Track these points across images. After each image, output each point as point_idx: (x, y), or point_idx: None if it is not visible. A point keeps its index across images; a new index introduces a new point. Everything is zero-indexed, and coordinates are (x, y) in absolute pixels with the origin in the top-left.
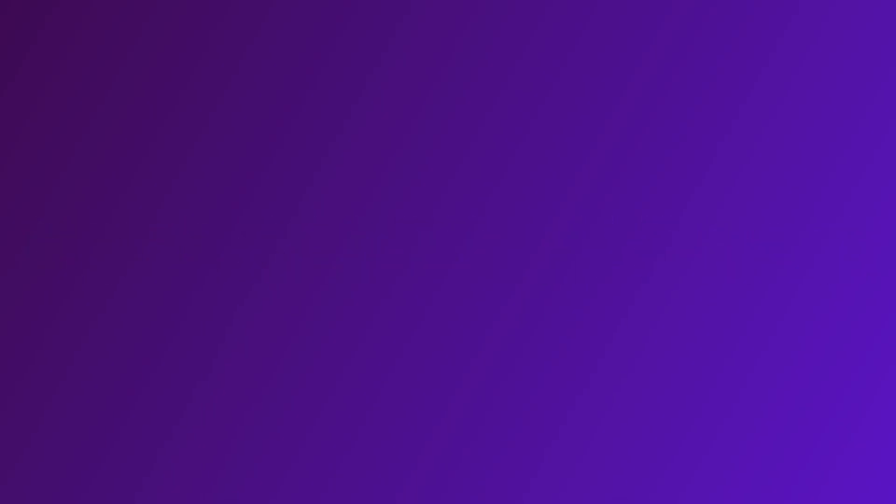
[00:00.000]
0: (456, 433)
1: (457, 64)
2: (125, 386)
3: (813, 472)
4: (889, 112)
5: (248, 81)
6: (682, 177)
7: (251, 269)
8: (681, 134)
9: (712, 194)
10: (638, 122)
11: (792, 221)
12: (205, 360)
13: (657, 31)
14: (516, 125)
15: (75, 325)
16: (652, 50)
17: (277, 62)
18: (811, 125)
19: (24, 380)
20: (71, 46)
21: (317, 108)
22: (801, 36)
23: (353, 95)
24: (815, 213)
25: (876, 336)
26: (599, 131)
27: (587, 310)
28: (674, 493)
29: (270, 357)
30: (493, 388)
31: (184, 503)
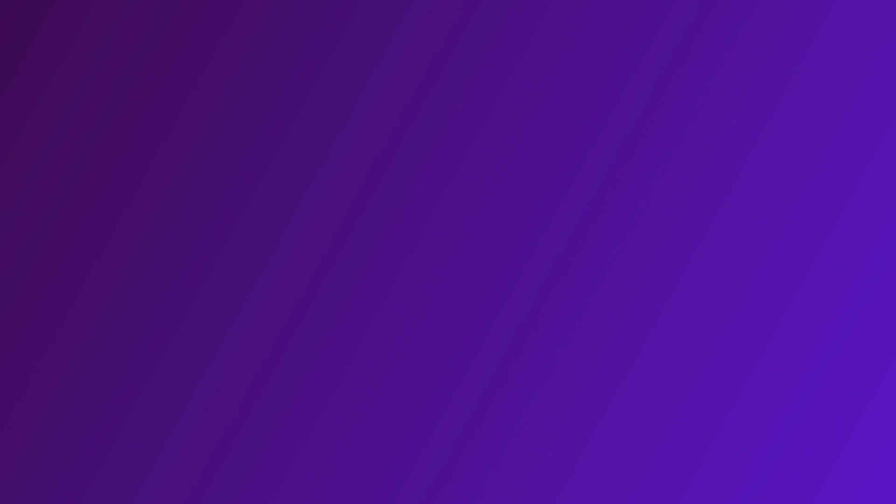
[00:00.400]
0: (456, 433)
1: (456, 64)
2: (125, 386)
3: (813, 472)
4: (889, 112)
5: (248, 81)
6: (682, 177)
7: (251, 269)
8: (681, 134)
9: (712, 194)
10: (638, 123)
11: (792, 221)
12: (204, 360)
13: (657, 31)
14: (516, 125)
15: (75, 325)
16: (652, 50)
17: (277, 62)
18: (811, 125)
19: (24, 380)
20: (71, 46)
21: (317, 107)
22: (801, 36)
23: (352, 95)
24: (815, 212)
25: (876, 336)
26: (599, 132)
27: (587, 310)
28: (674, 493)
29: (270, 357)
30: (492, 388)
31: (184, 503)
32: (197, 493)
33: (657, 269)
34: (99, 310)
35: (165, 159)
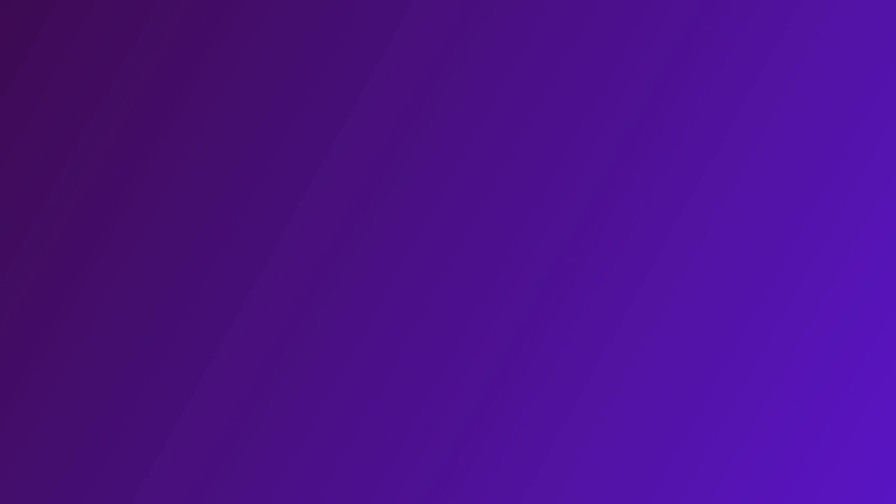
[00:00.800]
0: (456, 433)
1: (456, 64)
2: (125, 386)
3: (813, 472)
4: (889, 112)
5: (249, 81)
6: (683, 177)
7: (251, 269)
8: (681, 134)
9: (712, 194)
10: (637, 123)
11: (792, 221)
12: (204, 360)
13: (657, 31)
14: (516, 125)
15: (75, 325)
16: (652, 50)
17: (277, 62)
18: (811, 125)
19: (25, 380)
20: (71, 46)
21: (317, 107)
22: (801, 36)
23: (352, 96)
24: (815, 212)
25: (876, 336)
26: (599, 132)
27: (587, 310)
28: (674, 493)
29: (270, 357)
30: (493, 388)
31: (184, 503)
32: (197, 493)
33: (657, 269)
34: (99, 310)
35: (165, 159)
